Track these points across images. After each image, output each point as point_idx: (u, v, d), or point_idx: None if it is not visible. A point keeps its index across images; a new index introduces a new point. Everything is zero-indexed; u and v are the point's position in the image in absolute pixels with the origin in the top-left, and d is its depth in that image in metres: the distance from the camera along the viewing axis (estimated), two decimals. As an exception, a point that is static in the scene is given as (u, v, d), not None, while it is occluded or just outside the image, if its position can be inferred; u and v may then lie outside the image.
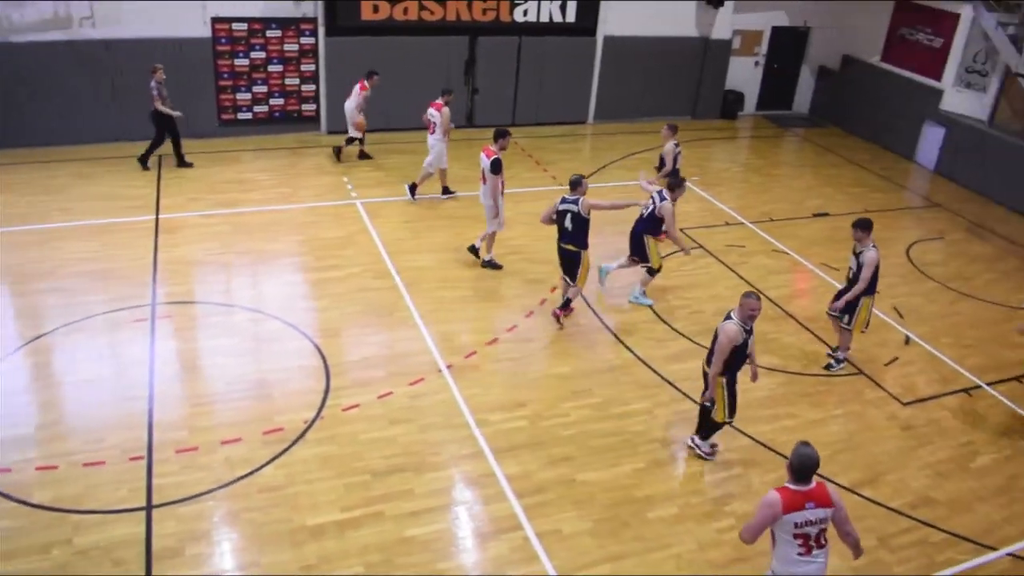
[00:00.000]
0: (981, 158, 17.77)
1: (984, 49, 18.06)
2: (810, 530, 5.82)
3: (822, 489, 5.86)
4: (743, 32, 20.78)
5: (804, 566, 5.90)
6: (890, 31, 20.18)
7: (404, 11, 16.80)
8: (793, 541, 5.84)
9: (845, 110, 21.27)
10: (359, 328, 10.56)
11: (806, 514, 5.78)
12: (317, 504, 7.67)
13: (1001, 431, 9.91)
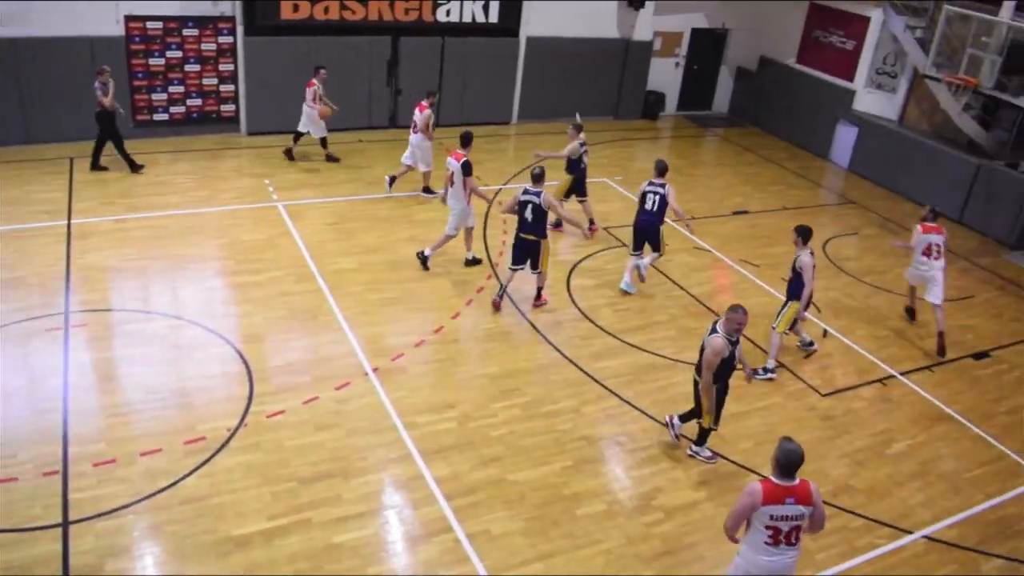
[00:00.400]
0: (892, 156, 18.40)
1: (893, 51, 18.71)
2: (782, 525, 5.92)
3: (805, 487, 5.95)
4: (663, 34, 21.10)
5: (768, 556, 6.04)
6: (805, 33, 20.75)
7: (325, 10, 16.58)
8: (764, 531, 5.97)
9: (763, 110, 21.80)
10: (282, 333, 10.38)
11: (784, 509, 5.89)
12: (243, 513, 7.52)
13: (914, 418, 10.28)
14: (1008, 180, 16.20)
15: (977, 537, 8.43)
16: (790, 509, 5.90)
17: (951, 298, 13.60)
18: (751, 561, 6.13)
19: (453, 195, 12.05)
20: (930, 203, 12.99)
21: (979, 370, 11.61)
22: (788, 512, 5.91)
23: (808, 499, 5.94)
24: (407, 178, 14.83)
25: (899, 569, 7.89)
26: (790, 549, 6.05)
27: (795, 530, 5.98)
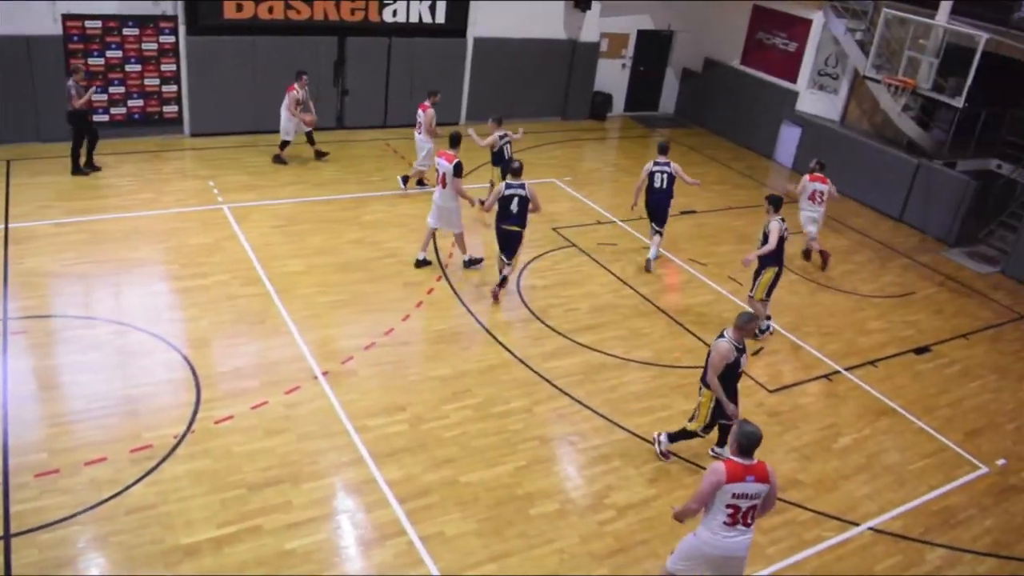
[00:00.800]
0: (834, 156, 18.72)
1: (835, 53, 19.08)
2: (742, 503, 6.22)
3: (763, 466, 6.27)
4: (610, 35, 21.25)
5: (725, 535, 6.31)
6: (748, 35, 21.06)
7: (269, 10, 16.38)
8: (724, 510, 6.24)
9: (708, 111, 22.06)
10: (229, 337, 10.22)
11: (745, 487, 6.17)
12: (191, 522, 7.38)
13: (859, 413, 10.49)
14: (946, 179, 16.62)
15: (921, 527, 8.63)
16: (750, 487, 6.19)
17: (893, 295, 13.94)
18: (707, 541, 6.38)
19: (444, 196, 12.06)
20: (867, 200, 13.47)
21: (921, 364, 11.89)
22: (749, 490, 6.19)
23: (766, 478, 6.24)
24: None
25: (846, 561, 8.04)
26: (746, 530, 6.34)
27: (752, 509, 6.29)
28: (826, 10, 18.69)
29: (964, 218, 16.41)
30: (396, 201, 14.70)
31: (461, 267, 12.65)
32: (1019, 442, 10.41)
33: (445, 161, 11.94)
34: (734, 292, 13.07)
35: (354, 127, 18.05)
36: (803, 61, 19.62)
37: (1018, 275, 15.29)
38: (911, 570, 8.05)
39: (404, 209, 14.40)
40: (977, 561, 8.30)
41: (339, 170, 15.83)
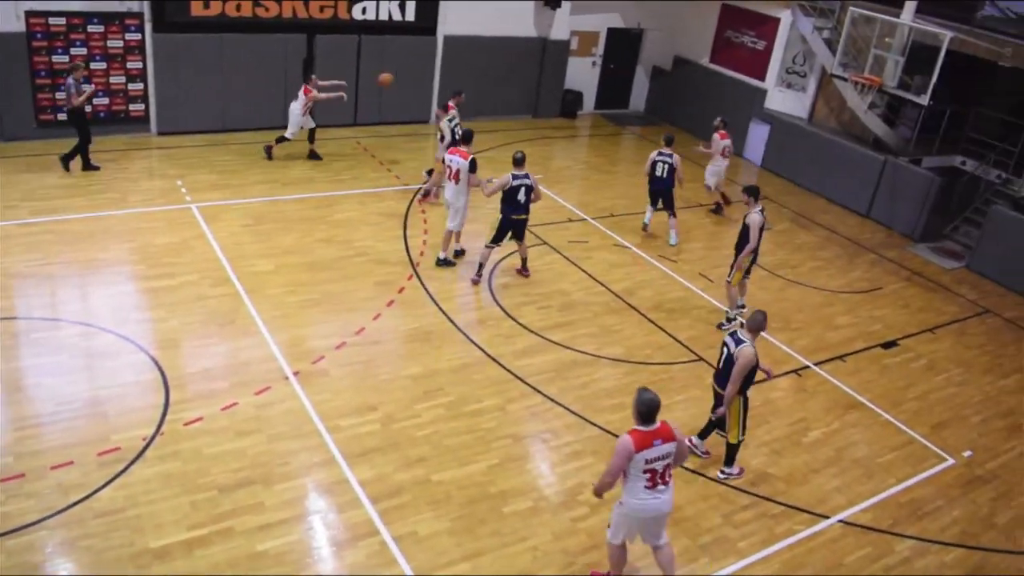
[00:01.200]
0: (802, 153, 18.94)
1: (802, 51, 19.25)
2: (657, 465, 6.56)
3: (666, 427, 6.58)
4: (580, 33, 21.29)
5: (650, 498, 6.66)
6: (717, 33, 21.19)
7: (237, 8, 16.23)
8: (642, 476, 6.56)
9: (678, 109, 22.17)
10: (199, 338, 10.12)
11: (655, 451, 6.50)
12: (161, 525, 7.30)
13: (828, 407, 10.61)
14: (911, 176, 16.83)
15: (890, 519, 8.74)
16: (659, 450, 6.54)
17: (861, 290, 14.10)
18: (636, 507, 6.72)
19: (456, 191, 12.31)
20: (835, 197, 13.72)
21: (888, 359, 12.04)
22: (658, 453, 6.54)
23: (671, 436, 6.58)
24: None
25: (817, 553, 8.13)
26: (666, 488, 6.71)
27: (667, 469, 6.65)
28: (794, 9, 18.86)
29: (929, 214, 16.64)
30: (366, 200, 14.64)
31: (434, 264, 12.63)
32: (984, 434, 10.58)
33: (460, 158, 12.20)
34: (705, 288, 13.16)
35: (324, 125, 17.87)
36: (771, 59, 19.78)
37: (982, 270, 15.53)
38: (880, 561, 8.15)
39: (374, 208, 14.35)
40: (945, 551, 8.42)
41: (309, 169, 15.73)
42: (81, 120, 14.04)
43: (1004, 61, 15.40)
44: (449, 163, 12.34)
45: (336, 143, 17.32)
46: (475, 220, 13.69)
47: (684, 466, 8.98)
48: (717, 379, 8.75)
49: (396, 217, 14.13)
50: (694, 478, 8.88)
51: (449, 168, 12.33)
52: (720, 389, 8.64)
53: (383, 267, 12.37)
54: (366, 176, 15.76)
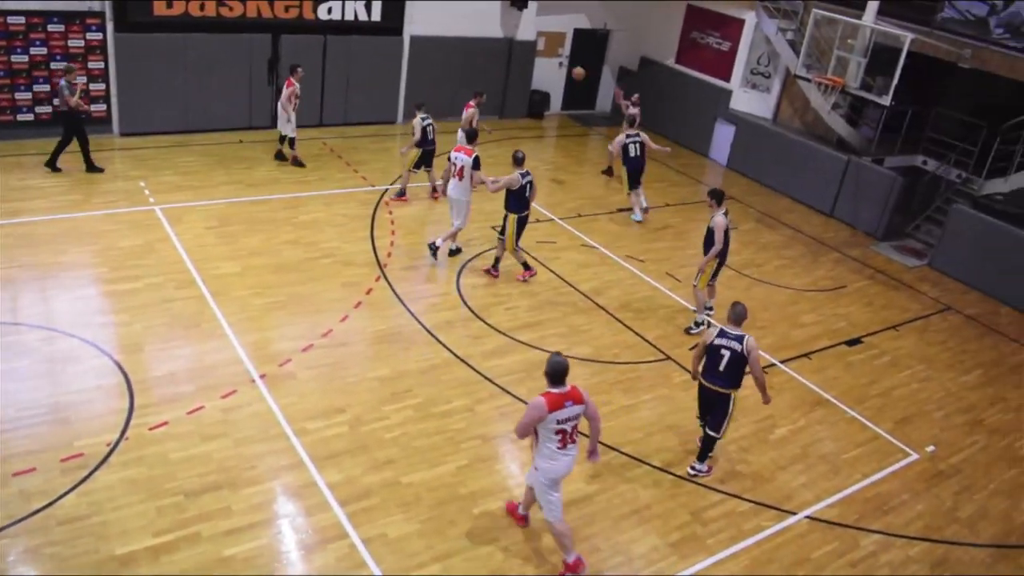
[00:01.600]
0: (767, 154, 19.12)
1: (766, 53, 19.44)
2: (567, 426, 6.96)
3: (576, 390, 6.98)
4: (546, 34, 21.33)
5: (561, 458, 7.07)
6: (683, 34, 21.34)
7: (201, 7, 16.05)
8: (554, 437, 6.96)
9: (645, 109, 22.11)
10: (163, 342, 9.98)
11: (566, 412, 6.90)
12: (127, 531, 7.20)
13: (794, 404, 10.71)
14: (874, 175, 17.06)
15: (856, 515, 8.85)
16: (570, 411, 6.92)
17: (825, 288, 14.26)
18: (549, 468, 7.10)
19: (460, 188, 12.60)
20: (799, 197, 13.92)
21: (853, 356, 12.19)
22: (569, 414, 6.93)
23: (580, 399, 6.98)
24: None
25: (784, 549, 8.20)
26: (573, 447, 7.13)
27: (575, 430, 7.07)
28: (758, 10, 19.03)
29: (892, 213, 16.88)
30: (332, 201, 14.54)
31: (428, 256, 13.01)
32: (947, 429, 10.75)
33: (464, 155, 12.50)
34: (672, 288, 13.24)
35: (290, 126, 17.79)
36: (736, 60, 19.95)
37: (944, 268, 15.78)
38: (846, 556, 8.25)
39: (340, 209, 14.26)
40: (909, 545, 8.54)
41: (274, 169, 15.60)
42: (75, 122, 13.99)
43: (963, 63, 15.66)
44: (454, 160, 12.58)
45: (302, 144, 17.13)
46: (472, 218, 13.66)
47: (652, 464, 9.04)
48: (717, 379, 8.63)
49: (363, 218, 14.06)
50: (663, 477, 8.93)
51: (454, 165, 12.58)
52: (721, 388, 8.63)
53: (350, 268, 12.30)
54: (332, 177, 15.66)
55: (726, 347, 8.48)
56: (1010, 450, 10.54)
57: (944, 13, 16.63)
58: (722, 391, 8.69)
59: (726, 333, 8.52)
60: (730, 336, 8.49)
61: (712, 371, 8.64)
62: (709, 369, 8.66)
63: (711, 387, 8.73)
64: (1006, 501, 9.54)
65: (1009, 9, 16.02)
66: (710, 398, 8.82)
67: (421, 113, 14.79)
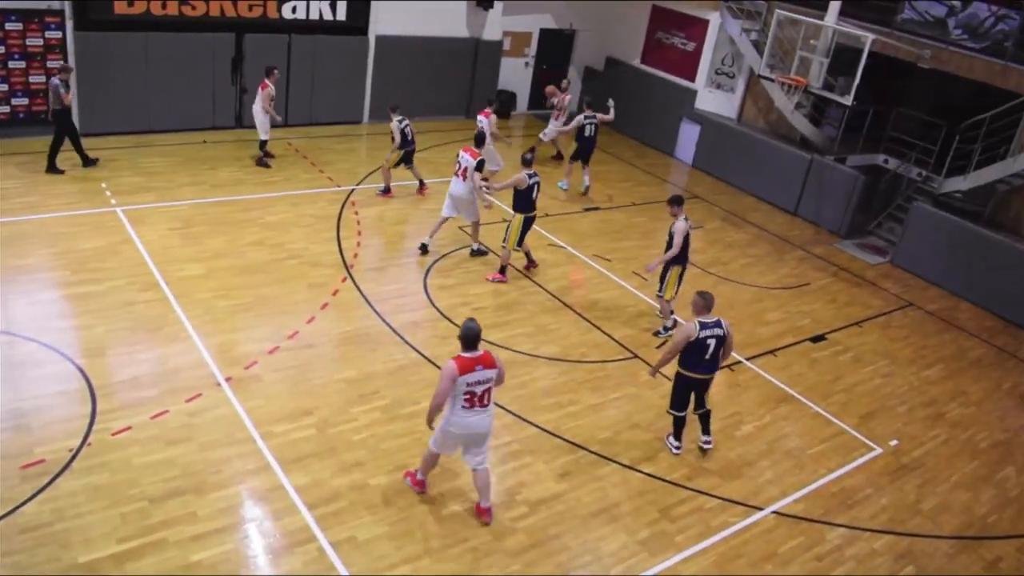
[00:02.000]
0: (732, 153, 19.28)
1: (731, 53, 19.59)
2: (477, 388, 7.39)
3: (488, 355, 7.44)
4: (512, 34, 21.34)
5: (468, 416, 7.49)
6: (648, 35, 21.45)
7: (163, 6, 15.86)
8: (462, 398, 7.39)
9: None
10: (126, 345, 9.84)
11: (476, 375, 7.34)
12: (90, 539, 7.09)
13: (760, 401, 10.81)
14: (837, 174, 17.26)
15: (821, 509, 8.95)
16: (480, 375, 7.36)
17: (790, 286, 14.41)
18: (454, 423, 7.52)
19: (464, 187, 12.88)
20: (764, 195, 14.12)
21: (817, 352, 12.33)
22: (479, 377, 7.36)
23: (492, 363, 7.44)
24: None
25: (752, 544, 8.27)
26: (483, 409, 7.53)
27: (486, 392, 7.48)
28: (722, 11, 19.18)
29: (854, 211, 17.10)
30: (298, 201, 14.43)
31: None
32: (910, 423, 10.91)
33: (470, 156, 12.75)
34: (639, 287, 13.30)
35: (254, 126, 17.60)
36: (701, 60, 20.09)
37: (905, 265, 16.02)
38: (812, 550, 8.34)
39: (306, 210, 14.16)
40: (874, 538, 8.66)
41: (239, 170, 15.44)
42: (66, 120, 14.08)
43: (923, 63, 15.91)
44: (459, 160, 12.89)
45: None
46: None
47: (620, 462, 9.08)
48: (704, 368, 8.97)
49: (329, 219, 13.97)
50: (631, 475, 8.97)
51: (459, 164, 12.89)
52: (709, 375, 9.06)
53: (316, 270, 12.22)
54: (298, 178, 15.54)
55: (711, 336, 8.80)
56: (971, 443, 10.73)
57: (904, 14, 16.88)
58: (709, 377, 9.07)
59: (706, 324, 8.78)
60: (710, 325, 8.78)
61: (699, 362, 8.94)
62: (696, 361, 8.92)
63: (700, 377, 9.05)
64: (967, 493, 9.70)
65: (967, 10, 16.29)
66: (696, 386, 9.16)
67: (397, 116, 14.86)
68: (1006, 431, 11.16)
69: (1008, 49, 15.12)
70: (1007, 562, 8.69)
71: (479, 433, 7.63)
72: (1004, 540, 9.02)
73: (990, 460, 10.45)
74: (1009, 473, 10.25)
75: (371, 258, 12.88)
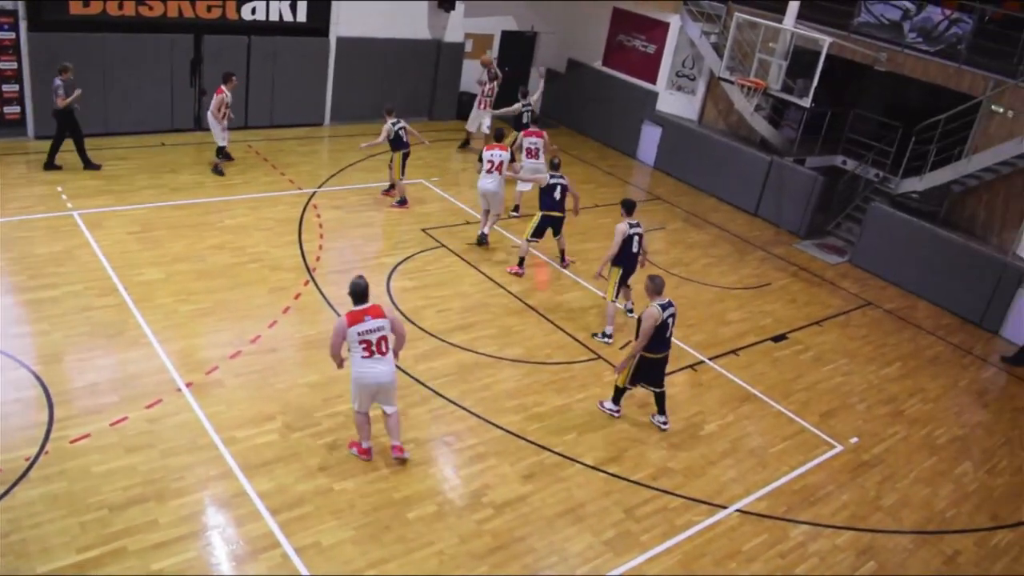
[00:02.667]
0: (692, 154, 19.44)
1: (691, 55, 19.75)
2: (370, 337, 8.00)
3: (377, 306, 8.06)
4: (474, 36, 21.32)
5: (369, 365, 8.09)
6: (609, 37, 21.55)
7: (119, 6, 15.61)
8: (359, 347, 8.00)
9: (573, 111, 22.45)
10: (84, 351, 9.67)
11: (366, 324, 7.95)
12: (49, 548, 6.95)
13: (723, 400, 10.91)
14: (796, 175, 17.48)
15: (784, 506, 9.05)
16: (371, 324, 7.97)
17: (751, 286, 14.56)
18: (359, 374, 8.14)
19: (496, 181, 13.74)
20: (725, 196, 14.31)
21: (778, 351, 12.47)
22: (370, 326, 7.97)
23: (381, 313, 8.04)
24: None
25: (716, 543, 8.34)
26: (382, 358, 8.12)
27: (382, 340, 8.07)
28: (682, 13, 19.33)
29: (814, 212, 17.33)
30: (259, 204, 14.29)
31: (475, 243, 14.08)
32: (869, 420, 11.07)
33: (500, 151, 13.77)
34: (602, 288, 13.34)
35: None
36: (662, 63, 20.23)
37: (863, 264, 16.26)
38: (776, 547, 8.43)
39: (267, 213, 14.02)
40: (836, 534, 8.77)
41: (198, 173, 15.25)
42: (69, 121, 14.15)
43: (879, 66, 16.17)
44: (491, 157, 13.72)
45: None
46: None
47: (585, 463, 9.10)
48: (665, 346, 9.65)
49: (290, 222, 13.85)
50: (595, 475, 9.00)
51: (491, 162, 13.70)
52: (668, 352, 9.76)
53: (278, 273, 12.11)
54: (259, 180, 15.39)
55: (671, 315, 9.50)
56: (929, 439, 10.92)
57: (860, 17, 17.13)
58: (667, 354, 9.76)
59: (664, 305, 9.35)
60: (666, 305, 9.44)
61: (662, 341, 9.56)
62: (659, 342, 9.52)
63: (661, 356, 9.68)
64: (926, 489, 9.88)
65: (921, 14, 16.59)
66: (657, 365, 9.73)
67: (392, 118, 14.91)
68: (963, 427, 11.38)
69: (961, 52, 15.44)
70: (966, 556, 8.85)
71: (384, 383, 8.20)
72: (962, 534, 9.19)
73: (948, 456, 10.64)
74: (967, 468, 10.45)
75: (334, 261, 12.79)
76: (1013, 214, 15.13)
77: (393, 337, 8.22)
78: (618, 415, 10.09)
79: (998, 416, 11.87)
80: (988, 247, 15.05)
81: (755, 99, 17.53)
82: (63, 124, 14.16)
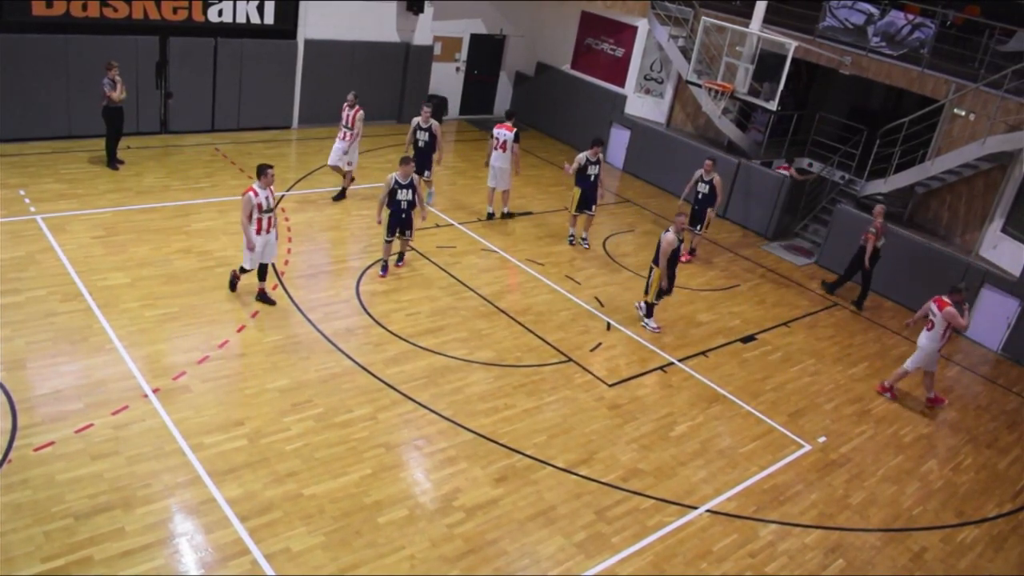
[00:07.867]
0: (661, 157, 19.55)
1: (659, 59, 19.87)
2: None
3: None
4: (443, 39, 21.30)
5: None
6: (578, 41, 21.63)
7: (84, 7, 15.41)
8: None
9: (542, 114, 22.49)
10: (48, 358, 9.52)
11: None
12: (12, 559, 6.83)
13: (693, 401, 10.97)
14: (763, 177, 17.64)
15: (754, 506, 9.12)
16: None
17: (720, 288, 14.66)
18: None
19: (503, 158, 15.23)
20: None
21: (747, 352, 12.57)
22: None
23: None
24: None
25: (687, 543, 8.38)
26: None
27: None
28: (650, 17, 19.44)
29: (781, 214, 17.49)
30: (226, 208, 14.15)
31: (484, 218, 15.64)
32: (837, 420, 11.19)
33: (506, 131, 15.15)
34: (572, 291, 13.38)
35: (179, 131, 17.27)
36: (630, 66, 20.33)
37: (830, 265, 16.42)
38: (746, 547, 8.49)
39: (234, 217, 13.84)
40: (805, 533, 8.85)
41: (164, 176, 15.08)
42: (116, 117, 14.69)
43: (844, 69, 16.38)
44: (497, 136, 15.19)
45: (192, 150, 16.70)
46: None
47: (556, 465, 9.11)
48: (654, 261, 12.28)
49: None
50: (566, 478, 9.01)
51: (497, 139, 15.17)
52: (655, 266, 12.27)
53: (246, 277, 11.96)
54: (225, 184, 15.24)
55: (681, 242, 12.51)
56: (896, 438, 11.06)
57: (825, 22, 17.35)
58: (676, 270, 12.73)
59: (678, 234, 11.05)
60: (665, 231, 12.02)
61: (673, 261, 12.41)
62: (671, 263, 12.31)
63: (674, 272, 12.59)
64: (893, 487, 10.00)
65: (885, 19, 16.83)
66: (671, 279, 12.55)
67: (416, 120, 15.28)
68: (929, 425, 11.54)
69: (924, 56, 15.67)
70: (932, 552, 8.97)
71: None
72: (929, 531, 9.32)
73: (914, 454, 10.78)
74: (932, 466, 10.60)
75: (302, 265, 12.71)
76: (975, 215, 15.39)
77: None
78: (659, 330, 12.40)
79: (962, 414, 12.05)
80: (952, 247, 15.28)
81: (722, 102, 17.68)
82: (112, 121, 14.70)
